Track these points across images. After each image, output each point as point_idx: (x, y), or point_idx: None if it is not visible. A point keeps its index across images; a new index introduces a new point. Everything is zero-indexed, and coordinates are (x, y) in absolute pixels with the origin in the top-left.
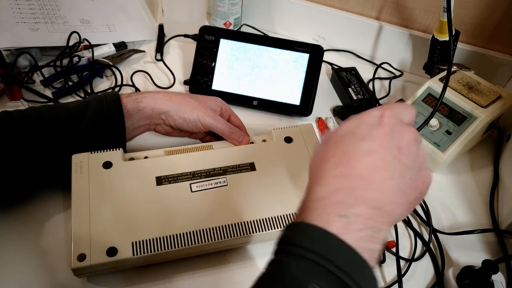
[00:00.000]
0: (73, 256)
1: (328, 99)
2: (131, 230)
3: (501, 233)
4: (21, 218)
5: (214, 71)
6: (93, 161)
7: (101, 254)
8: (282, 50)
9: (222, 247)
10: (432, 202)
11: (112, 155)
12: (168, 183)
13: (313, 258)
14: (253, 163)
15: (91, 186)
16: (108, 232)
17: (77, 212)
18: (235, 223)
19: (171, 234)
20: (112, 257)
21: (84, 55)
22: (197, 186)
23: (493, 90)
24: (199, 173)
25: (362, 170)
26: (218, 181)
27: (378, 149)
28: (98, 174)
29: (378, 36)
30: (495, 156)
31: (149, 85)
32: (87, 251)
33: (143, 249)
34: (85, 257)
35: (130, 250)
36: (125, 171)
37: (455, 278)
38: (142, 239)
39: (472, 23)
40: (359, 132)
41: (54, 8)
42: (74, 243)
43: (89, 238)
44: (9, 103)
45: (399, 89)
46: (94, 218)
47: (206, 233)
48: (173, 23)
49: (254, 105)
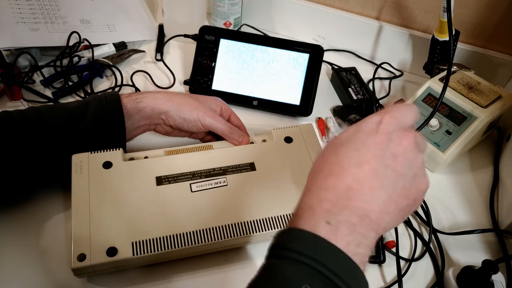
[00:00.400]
0: (73, 256)
1: (328, 99)
2: (131, 230)
3: (501, 233)
4: (21, 218)
5: (214, 71)
6: (93, 161)
7: (101, 254)
8: (282, 50)
9: (222, 247)
10: (432, 202)
11: (112, 155)
12: (168, 183)
13: (306, 261)
14: (253, 163)
15: (91, 186)
16: (108, 232)
17: (77, 212)
18: (235, 223)
19: (171, 234)
20: (112, 257)
21: (84, 55)
22: (197, 186)
23: (493, 90)
24: (199, 173)
25: (350, 182)
26: (218, 181)
27: (370, 159)
28: (98, 174)
29: (378, 36)
30: (495, 156)
31: (149, 85)
32: (87, 251)
33: (143, 249)
34: (85, 257)
35: (130, 250)
36: (125, 171)
37: (455, 278)
38: (142, 239)
39: (472, 23)
40: (354, 142)
41: (54, 8)
42: (74, 243)
43: (89, 238)
44: (9, 103)
45: (399, 89)
46: (94, 218)
47: (206, 233)
48: (173, 23)
49: (254, 105)
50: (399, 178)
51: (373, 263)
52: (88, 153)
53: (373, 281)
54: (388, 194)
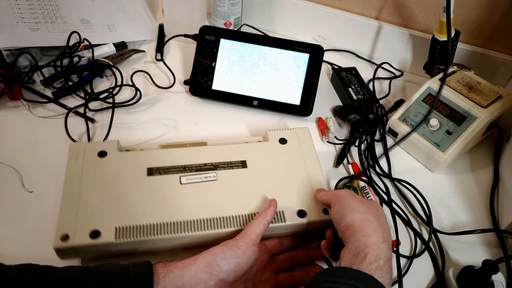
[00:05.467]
0: (56, 235)
1: (328, 99)
2: (117, 215)
3: (501, 233)
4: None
5: (214, 71)
6: (90, 149)
7: (84, 236)
8: (282, 50)
9: (206, 240)
10: (432, 202)
11: (109, 145)
12: (158, 174)
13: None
14: (245, 161)
15: (84, 172)
16: (94, 216)
17: (67, 195)
18: (221, 217)
19: (155, 223)
20: (95, 239)
21: (84, 55)
22: (186, 179)
23: (493, 90)
24: (190, 167)
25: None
26: (208, 176)
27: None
28: (92, 161)
29: (378, 36)
30: (495, 156)
31: (149, 85)
32: (71, 232)
33: (126, 235)
34: (68, 237)
35: (113, 235)
36: (118, 160)
37: (455, 278)
38: (126, 224)
39: (472, 23)
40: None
41: (54, 8)
42: (59, 223)
43: (75, 220)
44: (9, 103)
45: (399, 89)
46: (82, 202)
47: (191, 224)
48: (173, 23)
49: (254, 105)
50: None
51: None
52: (85, 142)
53: None
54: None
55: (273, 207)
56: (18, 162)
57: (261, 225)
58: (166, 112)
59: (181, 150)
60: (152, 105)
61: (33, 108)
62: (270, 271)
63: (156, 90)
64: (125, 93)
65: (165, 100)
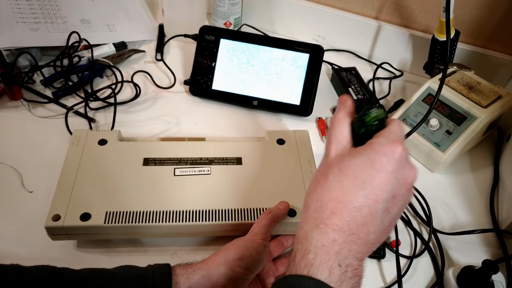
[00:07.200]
0: (48, 214)
1: (328, 99)
2: (109, 201)
3: (501, 233)
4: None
5: (214, 71)
6: (91, 137)
7: (74, 218)
8: (282, 50)
9: (195, 231)
10: (432, 202)
11: (110, 134)
12: (154, 164)
13: None
14: (241, 158)
15: (83, 157)
16: (87, 200)
17: (63, 178)
18: (210, 210)
19: (145, 210)
20: (85, 221)
21: (84, 55)
22: (180, 171)
23: (493, 90)
24: (185, 160)
25: (353, 227)
26: (202, 169)
27: (372, 203)
28: (92, 148)
29: (378, 36)
30: (495, 156)
31: (149, 85)
32: (63, 213)
33: (116, 219)
34: (59, 218)
35: (103, 218)
36: (117, 149)
37: (455, 278)
38: (116, 210)
39: (472, 23)
40: (362, 179)
41: (54, 8)
42: (53, 203)
43: (68, 202)
44: (9, 103)
45: (399, 89)
46: (77, 185)
47: (179, 214)
48: (173, 23)
49: (254, 105)
50: (390, 217)
51: (373, 258)
52: (87, 130)
53: (373, 281)
54: (377, 234)
55: (283, 207)
56: (18, 162)
57: (272, 223)
58: (166, 112)
59: (179, 143)
60: (152, 105)
61: (33, 108)
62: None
63: (156, 90)
64: (125, 93)
65: (165, 100)
